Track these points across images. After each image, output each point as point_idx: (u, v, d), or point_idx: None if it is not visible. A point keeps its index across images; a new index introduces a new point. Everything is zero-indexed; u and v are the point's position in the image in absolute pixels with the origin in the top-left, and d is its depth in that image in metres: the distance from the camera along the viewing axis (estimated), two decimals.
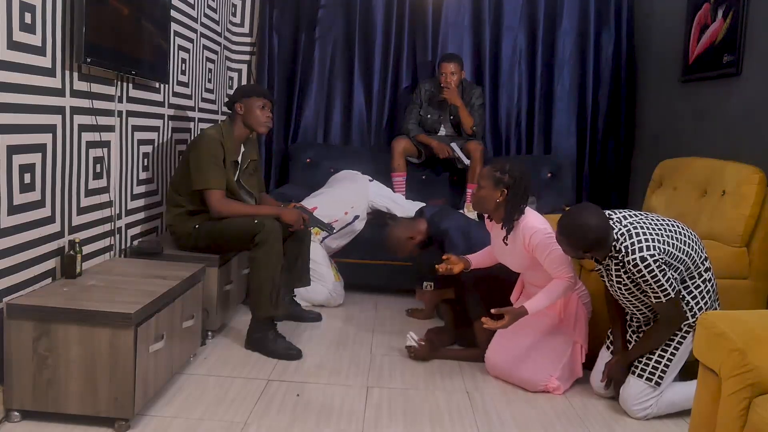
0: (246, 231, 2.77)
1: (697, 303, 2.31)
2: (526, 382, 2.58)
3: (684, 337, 2.32)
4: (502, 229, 2.55)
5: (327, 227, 3.36)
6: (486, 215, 2.66)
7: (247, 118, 2.96)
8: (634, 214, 2.32)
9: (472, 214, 3.48)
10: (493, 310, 2.45)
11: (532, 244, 2.46)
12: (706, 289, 2.34)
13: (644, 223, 2.27)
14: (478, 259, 2.75)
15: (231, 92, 3.06)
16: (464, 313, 2.85)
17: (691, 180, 3.06)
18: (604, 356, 2.53)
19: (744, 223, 2.66)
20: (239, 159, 3.01)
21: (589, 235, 2.21)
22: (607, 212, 2.36)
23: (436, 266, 2.69)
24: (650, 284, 2.20)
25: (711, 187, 2.89)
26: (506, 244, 2.54)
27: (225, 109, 4.20)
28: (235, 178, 2.98)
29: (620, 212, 2.34)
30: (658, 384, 2.32)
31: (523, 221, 2.50)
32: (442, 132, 4.23)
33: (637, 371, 2.36)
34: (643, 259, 2.17)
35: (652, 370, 2.33)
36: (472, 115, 4.14)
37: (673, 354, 2.32)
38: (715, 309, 2.38)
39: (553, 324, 2.56)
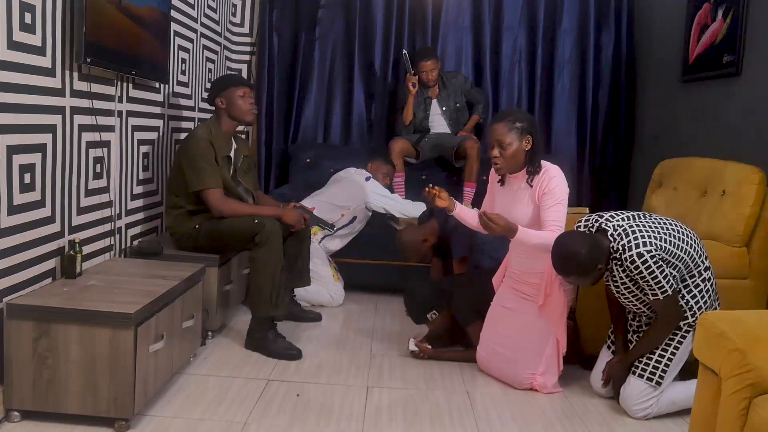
0: (246, 231, 2.77)
1: (697, 303, 2.31)
2: (512, 379, 2.60)
3: (684, 337, 2.32)
4: (527, 173, 2.52)
5: (327, 225, 3.36)
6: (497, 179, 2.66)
7: (231, 111, 2.94)
8: (631, 215, 2.32)
9: None
10: (488, 212, 2.41)
11: (546, 188, 2.44)
12: (706, 288, 2.34)
13: (641, 221, 2.28)
14: (464, 212, 2.67)
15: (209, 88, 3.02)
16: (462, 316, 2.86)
17: (691, 180, 3.05)
18: (605, 356, 2.53)
19: (744, 223, 2.66)
20: (231, 154, 3.00)
21: (584, 259, 2.22)
22: (596, 215, 2.37)
23: (426, 188, 2.61)
24: (647, 281, 2.20)
25: (711, 187, 2.89)
26: (531, 186, 2.51)
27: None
28: (230, 174, 2.97)
29: (615, 213, 2.34)
30: (658, 384, 2.32)
31: (545, 168, 2.51)
32: (435, 130, 4.23)
33: (638, 371, 2.36)
34: (639, 255, 2.17)
35: (652, 370, 2.33)
36: (475, 107, 4.27)
37: (673, 354, 2.32)
38: (716, 309, 2.38)
39: (532, 320, 2.55)
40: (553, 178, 2.47)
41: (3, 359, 2.01)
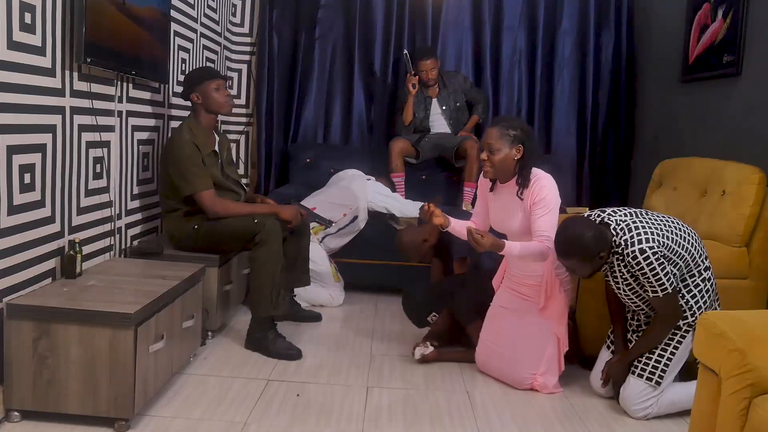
0: (246, 231, 2.77)
1: (697, 302, 2.31)
2: (512, 380, 2.60)
3: (684, 336, 2.32)
4: (516, 185, 2.51)
5: (325, 222, 3.34)
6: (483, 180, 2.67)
7: (207, 105, 2.90)
8: (633, 212, 2.33)
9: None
10: (474, 231, 2.40)
11: (537, 197, 2.44)
12: (706, 288, 2.34)
13: (643, 218, 2.28)
14: (458, 226, 2.64)
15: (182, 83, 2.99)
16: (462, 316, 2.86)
17: (691, 180, 3.05)
18: (604, 356, 2.53)
19: (744, 223, 2.66)
20: (216, 149, 2.99)
21: (589, 242, 2.22)
22: (598, 210, 2.38)
23: (424, 205, 2.59)
24: (648, 277, 2.20)
25: (711, 187, 2.89)
26: (521, 200, 2.51)
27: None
28: (219, 170, 2.97)
29: (618, 209, 2.35)
30: (658, 384, 2.32)
31: (535, 177, 2.50)
32: (435, 129, 4.23)
33: (637, 371, 2.36)
34: (642, 251, 2.18)
35: (652, 370, 2.33)
36: (474, 107, 4.26)
37: (672, 353, 2.32)
38: (716, 309, 2.38)
39: (532, 320, 2.55)
40: (544, 188, 2.47)
41: (3, 359, 2.01)
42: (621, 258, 2.25)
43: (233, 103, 3.02)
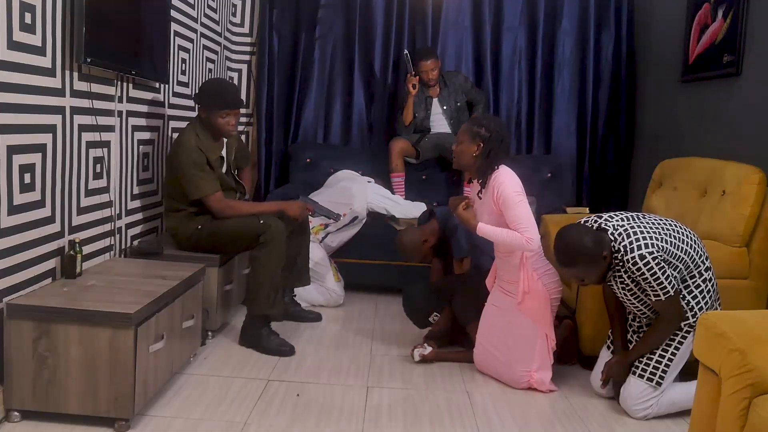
0: (251, 231, 2.77)
1: (698, 303, 2.31)
2: (508, 379, 2.61)
3: (684, 337, 2.32)
4: (477, 182, 2.61)
5: (333, 215, 3.30)
6: (466, 179, 2.77)
7: (208, 124, 2.86)
8: (631, 216, 2.32)
9: None
10: (458, 199, 2.61)
11: (499, 198, 2.48)
12: (707, 288, 2.34)
13: (641, 222, 2.27)
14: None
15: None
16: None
17: (691, 180, 3.05)
18: (604, 356, 2.53)
19: (744, 223, 2.66)
20: (224, 153, 2.99)
21: (588, 245, 2.21)
22: (595, 215, 2.37)
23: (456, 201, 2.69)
24: (650, 282, 2.20)
25: (711, 187, 2.89)
26: (480, 198, 2.60)
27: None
28: (226, 173, 2.96)
29: (614, 214, 2.34)
30: (659, 384, 2.32)
31: (495, 175, 2.53)
32: (436, 129, 4.23)
33: (638, 372, 2.36)
34: (641, 257, 2.17)
35: (652, 371, 2.33)
36: (474, 108, 4.26)
37: (673, 354, 2.32)
38: (716, 309, 2.38)
39: (520, 317, 2.56)
40: (502, 185, 2.49)
41: (3, 359, 2.01)
42: (621, 264, 2.25)
43: (235, 132, 2.96)
